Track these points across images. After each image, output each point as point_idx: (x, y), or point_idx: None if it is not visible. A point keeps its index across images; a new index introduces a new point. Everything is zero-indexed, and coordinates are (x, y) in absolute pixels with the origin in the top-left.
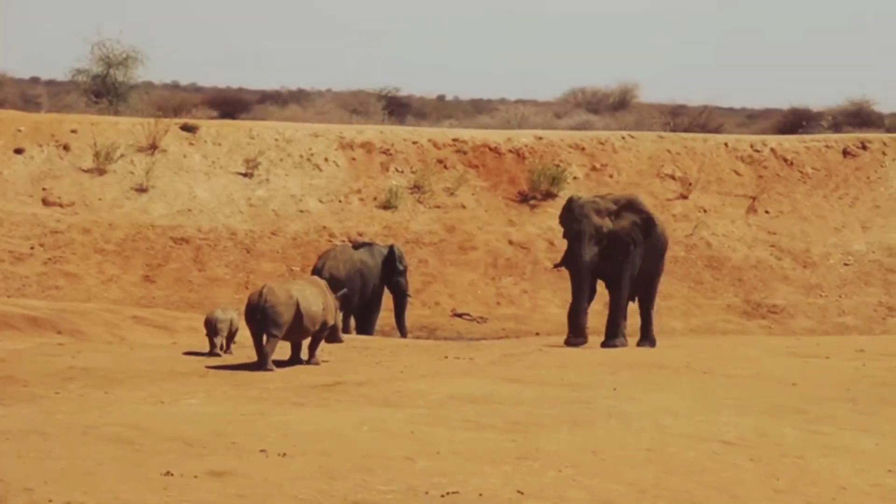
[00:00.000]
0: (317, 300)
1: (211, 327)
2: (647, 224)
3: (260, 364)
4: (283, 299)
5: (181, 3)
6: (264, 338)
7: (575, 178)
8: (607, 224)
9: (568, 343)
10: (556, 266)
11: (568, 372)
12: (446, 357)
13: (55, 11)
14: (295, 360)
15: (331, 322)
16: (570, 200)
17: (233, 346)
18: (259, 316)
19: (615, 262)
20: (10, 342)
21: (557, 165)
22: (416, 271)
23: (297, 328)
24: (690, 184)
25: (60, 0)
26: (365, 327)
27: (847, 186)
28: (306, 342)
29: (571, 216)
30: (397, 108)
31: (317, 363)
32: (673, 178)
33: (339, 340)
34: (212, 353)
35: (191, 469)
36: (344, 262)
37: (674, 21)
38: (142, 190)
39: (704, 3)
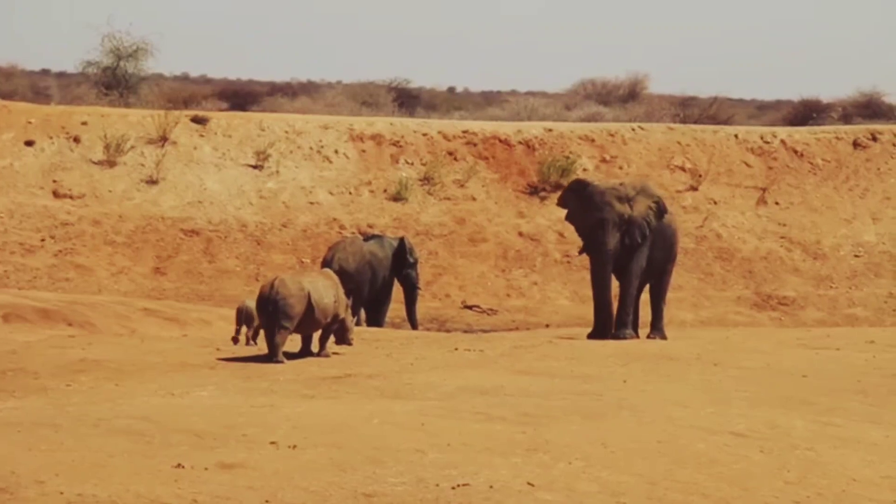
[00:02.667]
0: (328, 292)
1: (241, 317)
2: (660, 207)
3: (270, 356)
4: (295, 291)
5: None
6: (275, 330)
7: (585, 169)
8: (627, 210)
9: (592, 337)
10: (578, 253)
11: (578, 364)
12: (456, 349)
13: (65, 3)
14: (305, 352)
15: (342, 315)
16: (586, 186)
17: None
18: (270, 308)
19: (628, 250)
20: (21, 334)
21: (567, 157)
22: (426, 263)
23: (309, 320)
24: (700, 175)
25: None
26: (375, 319)
27: (857, 178)
28: (317, 334)
29: (592, 204)
30: (407, 99)
31: (327, 355)
32: (683, 169)
33: (348, 342)
34: (235, 341)
35: (201, 461)
36: (353, 253)
37: (683, 12)
38: (152, 182)
39: None
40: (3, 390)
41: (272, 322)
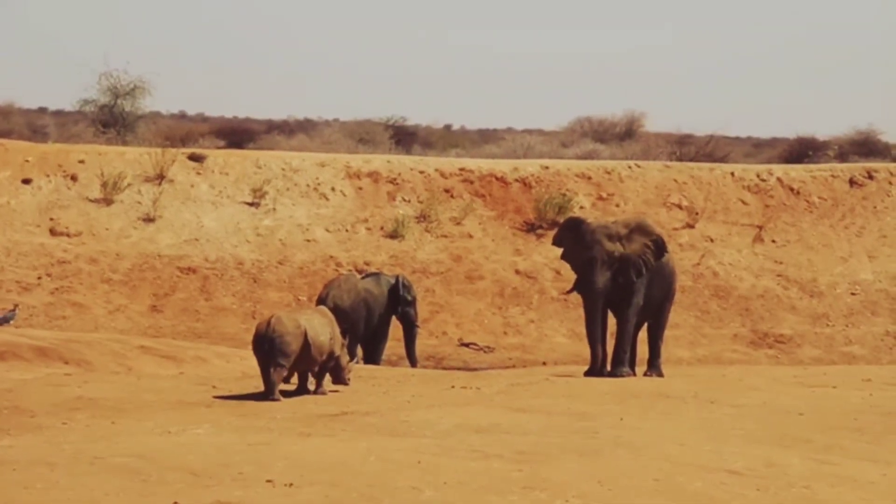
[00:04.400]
0: (324, 330)
1: None
2: (659, 246)
3: (267, 394)
4: (291, 329)
5: (188, 32)
6: (271, 367)
7: (581, 207)
8: (618, 248)
9: (588, 374)
10: (567, 292)
11: (575, 401)
12: (453, 387)
13: (63, 41)
14: (302, 389)
15: (337, 352)
16: (579, 224)
17: (237, 378)
18: (267, 345)
19: (624, 288)
20: (18, 372)
21: (564, 194)
22: (422, 301)
23: (306, 358)
24: (697, 213)
25: (68, 30)
26: (372, 357)
27: (853, 216)
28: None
29: (582, 242)
30: (404, 137)
31: (324, 393)
32: (679, 207)
33: (344, 382)
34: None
35: (198, 499)
36: (348, 291)
37: (680, 50)
38: (149, 220)
39: (711, 32)
40: None
41: (269, 360)
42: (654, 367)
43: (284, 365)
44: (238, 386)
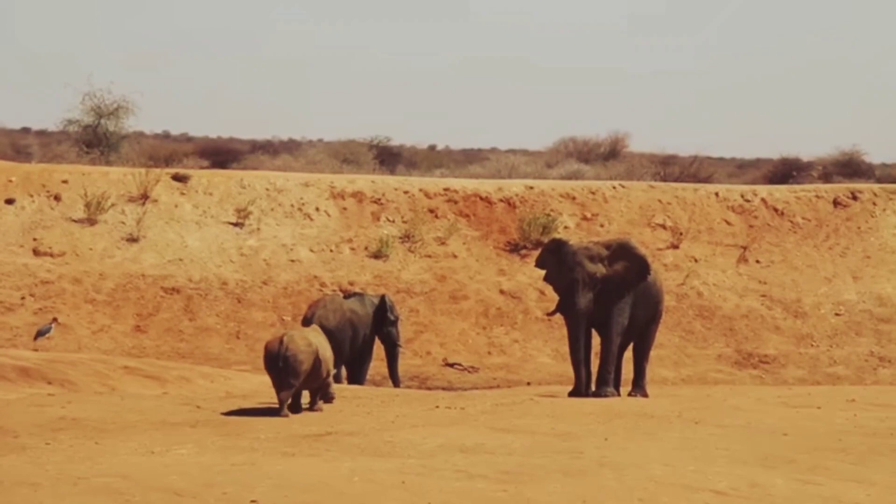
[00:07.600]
0: (327, 346)
1: None
2: (642, 266)
3: (280, 410)
4: (304, 347)
5: (171, 52)
6: (284, 385)
7: (566, 227)
8: (601, 270)
9: (572, 395)
10: (550, 314)
11: (559, 422)
12: (437, 407)
13: (46, 61)
14: (312, 404)
15: (331, 369)
16: (561, 246)
17: (223, 397)
18: (281, 364)
19: (608, 308)
20: (1, 392)
21: (548, 215)
22: (406, 321)
23: (314, 375)
24: (681, 233)
25: (51, 50)
26: (356, 377)
27: (838, 236)
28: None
29: (564, 265)
30: (388, 157)
31: (320, 410)
32: (664, 227)
33: (330, 397)
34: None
35: None
36: (334, 311)
37: (664, 71)
38: (133, 240)
39: (694, 53)
40: None
41: (282, 377)
42: (638, 387)
43: (295, 384)
44: (222, 406)
